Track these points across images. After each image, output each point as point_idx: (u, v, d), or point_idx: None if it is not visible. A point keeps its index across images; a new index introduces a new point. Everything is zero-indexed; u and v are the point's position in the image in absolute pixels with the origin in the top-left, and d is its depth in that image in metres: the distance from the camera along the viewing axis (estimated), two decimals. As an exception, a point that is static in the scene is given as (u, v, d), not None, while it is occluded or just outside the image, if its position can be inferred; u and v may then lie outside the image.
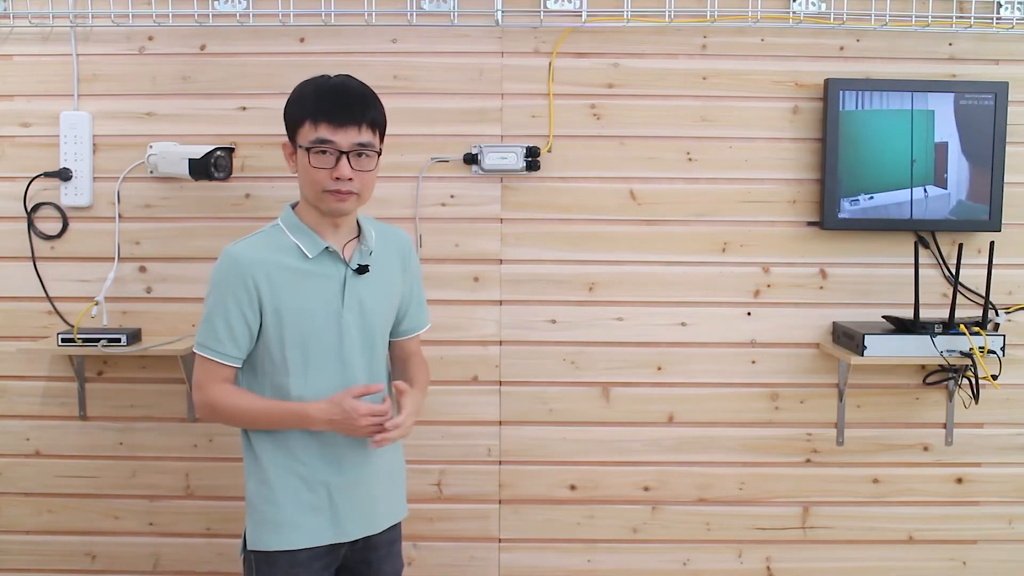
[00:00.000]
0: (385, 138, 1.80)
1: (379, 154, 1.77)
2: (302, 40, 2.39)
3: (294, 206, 1.81)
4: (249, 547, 1.77)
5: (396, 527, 1.93)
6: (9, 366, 2.46)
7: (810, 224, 2.43)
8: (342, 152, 1.70)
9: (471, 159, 2.39)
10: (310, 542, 1.77)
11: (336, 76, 1.78)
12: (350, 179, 1.71)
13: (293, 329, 1.73)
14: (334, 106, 1.71)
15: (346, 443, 1.78)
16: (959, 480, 2.49)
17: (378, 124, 1.76)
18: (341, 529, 1.80)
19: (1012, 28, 2.37)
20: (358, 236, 1.82)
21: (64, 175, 2.39)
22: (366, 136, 1.72)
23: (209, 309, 1.73)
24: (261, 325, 1.73)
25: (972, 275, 2.39)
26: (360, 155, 1.72)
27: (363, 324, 1.79)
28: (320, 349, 1.75)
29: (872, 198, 2.36)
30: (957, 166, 2.36)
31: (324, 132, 1.70)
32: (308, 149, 1.71)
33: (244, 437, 1.80)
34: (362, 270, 1.78)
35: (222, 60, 2.40)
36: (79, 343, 2.29)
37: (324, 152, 1.70)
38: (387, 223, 1.94)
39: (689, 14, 2.37)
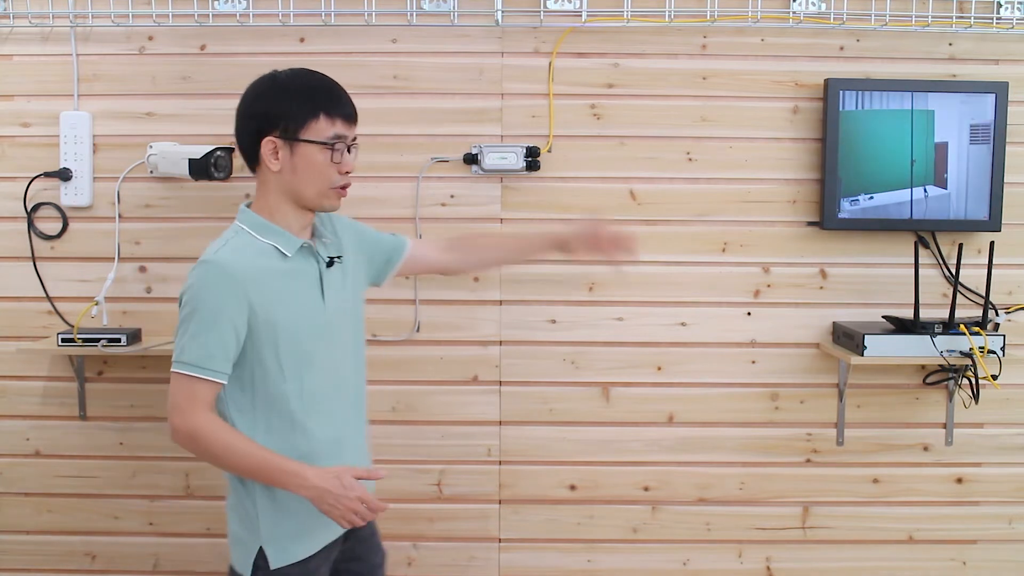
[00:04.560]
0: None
1: None
2: (302, 40, 2.39)
3: (248, 206, 1.74)
4: (275, 566, 1.69)
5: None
6: (9, 366, 2.46)
7: (810, 224, 2.43)
8: (348, 147, 1.71)
9: (471, 159, 2.39)
10: (326, 540, 1.75)
11: (311, 70, 1.76)
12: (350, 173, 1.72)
13: (286, 334, 1.66)
14: (345, 102, 1.71)
15: (349, 445, 1.77)
16: (959, 480, 2.49)
17: None
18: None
19: (1012, 28, 2.37)
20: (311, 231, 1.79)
21: (64, 175, 2.39)
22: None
23: (197, 325, 1.61)
24: (247, 336, 1.66)
25: (972, 275, 2.39)
26: (350, 150, 1.73)
27: (342, 316, 1.76)
28: (312, 350, 1.70)
29: (872, 198, 2.36)
30: (957, 166, 2.36)
31: (341, 128, 1.69)
32: (328, 145, 1.68)
33: None
34: (332, 262, 1.75)
35: (222, 60, 2.40)
36: (79, 343, 2.29)
37: (336, 148, 1.69)
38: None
39: (689, 14, 2.37)
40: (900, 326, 2.31)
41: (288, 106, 1.68)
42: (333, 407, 1.74)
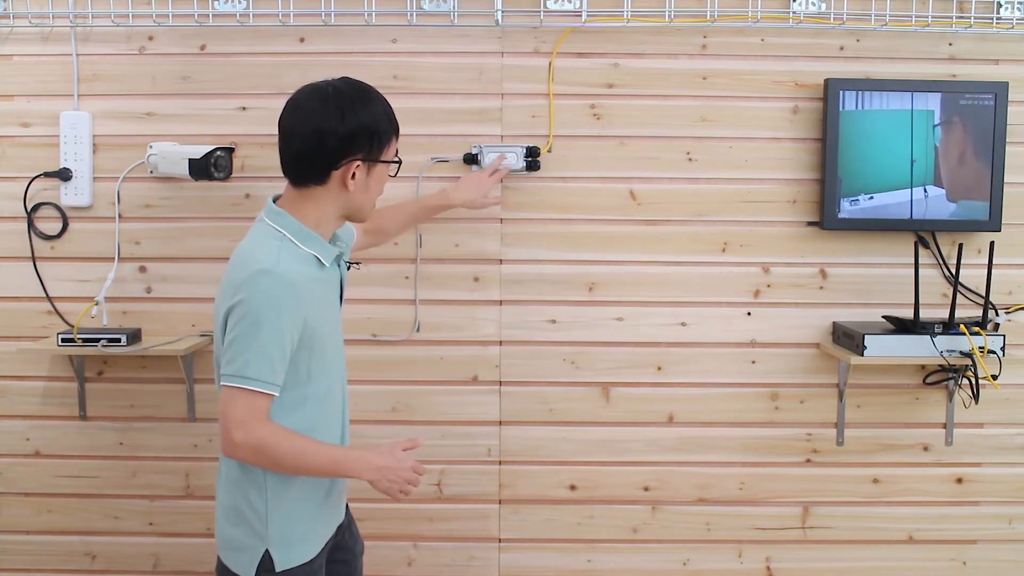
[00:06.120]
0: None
1: None
2: (302, 40, 2.39)
3: (275, 203, 1.72)
4: (280, 568, 1.68)
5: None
6: (9, 366, 2.46)
7: (810, 224, 2.43)
8: None
9: (471, 159, 2.39)
10: (326, 538, 1.78)
11: (364, 84, 1.72)
12: None
13: (319, 341, 1.68)
14: None
15: (339, 435, 1.80)
16: (959, 480, 2.49)
17: None
18: (337, 510, 1.82)
19: (1012, 28, 2.37)
20: None
21: (64, 175, 2.39)
22: None
23: (265, 339, 1.57)
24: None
25: (972, 275, 2.39)
26: None
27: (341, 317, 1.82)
28: (332, 354, 1.74)
29: (872, 198, 2.36)
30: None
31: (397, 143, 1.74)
32: (396, 163, 1.73)
33: (239, 466, 1.70)
34: (349, 266, 1.81)
35: (222, 60, 2.40)
36: (79, 343, 2.29)
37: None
38: None
39: (689, 14, 2.37)
40: (900, 326, 2.31)
41: (378, 127, 1.66)
42: (337, 407, 1.78)
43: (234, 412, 1.59)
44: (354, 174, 1.65)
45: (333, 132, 1.62)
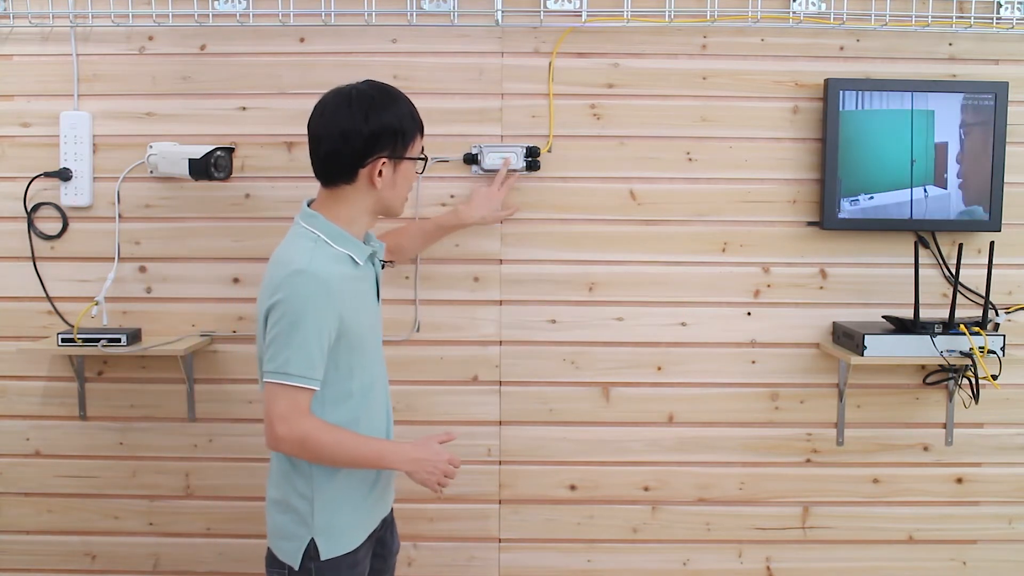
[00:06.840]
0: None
1: None
2: (302, 40, 2.39)
3: (310, 207, 1.77)
4: (325, 556, 1.74)
5: None
6: (9, 366, 2.46)
7: (810, 224, 2.43)
8: None
9: (471, 159, 2.39)
10: (371, 529, 1.83)
11: (387, 84, 1.81)
12: None
13: (356, 338, 1.73)
14: None
15: (385, 428, 1.86)
16: (959, 480, 2.49)
17: None
18: (382, 502, 1.87)
19: (1012, 28, 2.37)
20: None
21: (64, 175, 2.39)
22: None
23: (302, 336, 1.64)
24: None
25: (972, 275, 2.39)
26: None
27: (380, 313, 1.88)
28: (371, 349, 1.80)
29: (872, 198, 2.36)
30: (957, 166, 2.36)
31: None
32: (423, 160, 1.81)
33: (287, 460, 1.76)
34: (384, 265, 1.87)
35: (222, 60, 2.40)
36: (79, 343, 2.29)
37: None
38: None
39: (689, 14, 2.37)
40: (900, 326, 2.31)
41: (401, 125, 1.74)
42: (381, 401, 1.84)
43: (277, 408, 1.66)
44: (381, 171, 1.72)
45: (358, 132, 1.70)
